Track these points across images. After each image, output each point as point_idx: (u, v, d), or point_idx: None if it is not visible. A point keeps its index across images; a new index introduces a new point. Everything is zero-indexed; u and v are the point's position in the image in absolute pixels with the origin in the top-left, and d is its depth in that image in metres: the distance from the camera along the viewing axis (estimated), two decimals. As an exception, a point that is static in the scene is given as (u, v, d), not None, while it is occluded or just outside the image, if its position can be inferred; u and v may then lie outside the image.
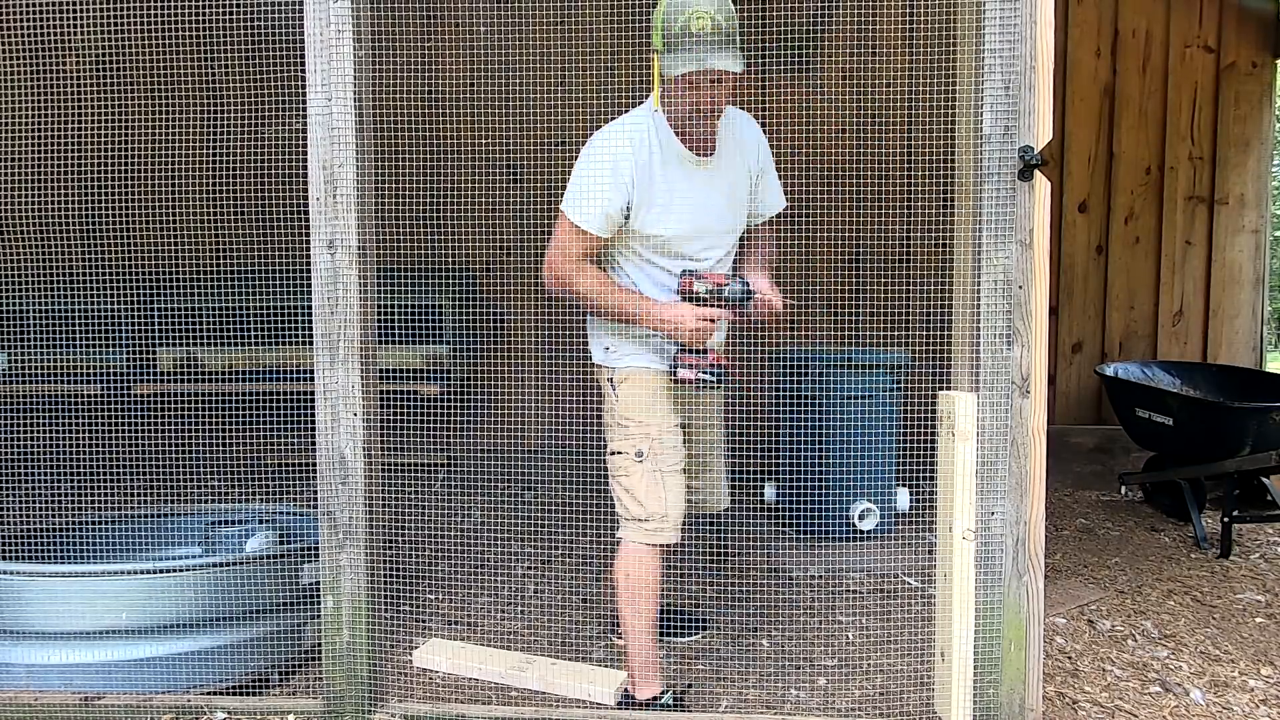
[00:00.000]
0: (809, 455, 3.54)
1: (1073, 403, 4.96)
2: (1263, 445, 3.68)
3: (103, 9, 2.73)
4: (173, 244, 4.54)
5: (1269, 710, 2.45)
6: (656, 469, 2.33)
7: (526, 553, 3.64)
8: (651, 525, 2.32)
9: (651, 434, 2.35)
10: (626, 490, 2.35)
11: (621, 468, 2.36)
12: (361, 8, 2.13)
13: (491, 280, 4.78)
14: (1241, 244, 4.92)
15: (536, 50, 4.51)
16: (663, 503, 2.32)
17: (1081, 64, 4.81)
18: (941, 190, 4.57)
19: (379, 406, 2.24)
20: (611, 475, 2.42)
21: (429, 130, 4.47)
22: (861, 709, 2.35)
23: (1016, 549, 2.07)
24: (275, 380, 4.16)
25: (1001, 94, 1.99)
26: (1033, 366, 2.04)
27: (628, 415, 2.38)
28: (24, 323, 4.33)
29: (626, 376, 2.40)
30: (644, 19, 2.33)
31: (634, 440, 2.35)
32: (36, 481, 3.88)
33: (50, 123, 3.72)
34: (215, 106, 4.64)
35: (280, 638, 2.50)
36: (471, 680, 2.58)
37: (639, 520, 2.33)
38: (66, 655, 2.31)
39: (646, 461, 2.33)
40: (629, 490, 2.34)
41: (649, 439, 2.35)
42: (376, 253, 2.22)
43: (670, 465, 2.36)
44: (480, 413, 4.54)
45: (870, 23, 4.62)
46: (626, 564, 2.34)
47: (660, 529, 2.32)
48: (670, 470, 2.35)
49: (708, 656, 2.75)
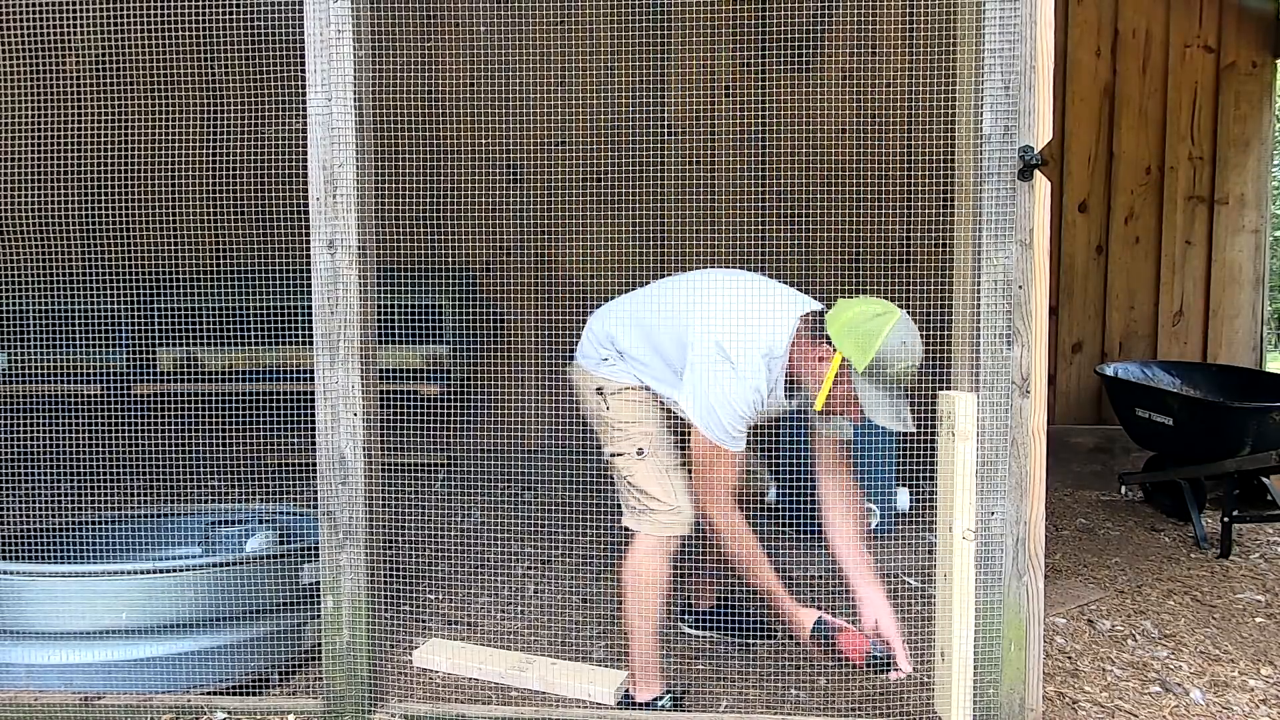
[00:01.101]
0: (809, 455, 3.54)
1: (1073, 403, 4.96)
2: (1263, 445, 3.67)
3: (103, 9, 2.73)
4: (173, 244, 4.54)
5: (1269, 710, 2.45)
6: (659, 463, 2.34)
7: (526, 553, 3.64)
8: (665, 517, 2.32)
9: (649, 431, 2.36)
10: (636, 488, 2.35)
11: (625, 467, 2.37)
12: (361, 8, 2.13)
13: (491, 280, 4.78)
14: (1241, 244, 4.92)
15: (536, 50, 4.51)
16: (673, 494, 2.33)
17: (1081, 64, 4.81)
18: (941, 190, 4.57)
19: (379, 406, 2.24)
20: (617, 477, 2.42)
21: (429, 130, 4.47)
22: (861, 709, 2.35)
23: (1016, 549, 2.07)
24: (275, 380, 4.16)
25: (1001, 94, 1.99)
26: (1033, 366, 2.04)
27: (623, 420, 2.38)
28: (24, 323, 4.33)
29: (618, 390, 2.41)
30: (644, 19, 2.33)
31: (633, 440, 2.36)
32: (36, 481, 3.88)
33: (50, 123, 3.71)
34: (215, 106, 4.64)
35: (280, 638, 2.50)
36: (471, 680, 2.58)
37: (652, 511, 2.33)
38: (66, 655, 2.31)
39: (649, 458, 2.34)
40: (639, 487, 2.34)
41: (647, 436, 2.36)
42: (376, 253, 2.22)
43: (672, 461, 2.36)
44: (480, 413, 4.54)
45: (870, 23, 4.62)
46: (636, 559, 2.34)
47: (674, 521, 2.32)
48: (673, 466, 2.36)
49: (708, 656, 2.74)
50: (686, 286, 2.38)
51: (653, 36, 4.61)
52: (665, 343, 2.34)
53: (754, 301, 2.25)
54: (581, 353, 2.52)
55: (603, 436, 2.46)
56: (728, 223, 4.67)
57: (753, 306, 2.22)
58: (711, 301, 2.26)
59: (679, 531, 2.34)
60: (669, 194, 4.70)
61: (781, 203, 4.61)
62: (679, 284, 2.43)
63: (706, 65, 4.61)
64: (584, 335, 2.54)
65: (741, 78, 4.65)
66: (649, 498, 2.33)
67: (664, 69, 4.64)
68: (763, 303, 2.26)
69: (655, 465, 2.35)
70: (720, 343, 2.21)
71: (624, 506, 2.42)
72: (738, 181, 4.67)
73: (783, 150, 4.59)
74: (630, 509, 2.39)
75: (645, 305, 2.42)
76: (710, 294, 2.30)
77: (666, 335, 2.33)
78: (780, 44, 4.60)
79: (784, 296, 2.34)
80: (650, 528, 2.33)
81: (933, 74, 4.29)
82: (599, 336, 2.47)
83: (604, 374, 2.43)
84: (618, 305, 2.52)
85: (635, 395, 2.41)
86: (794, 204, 4.61)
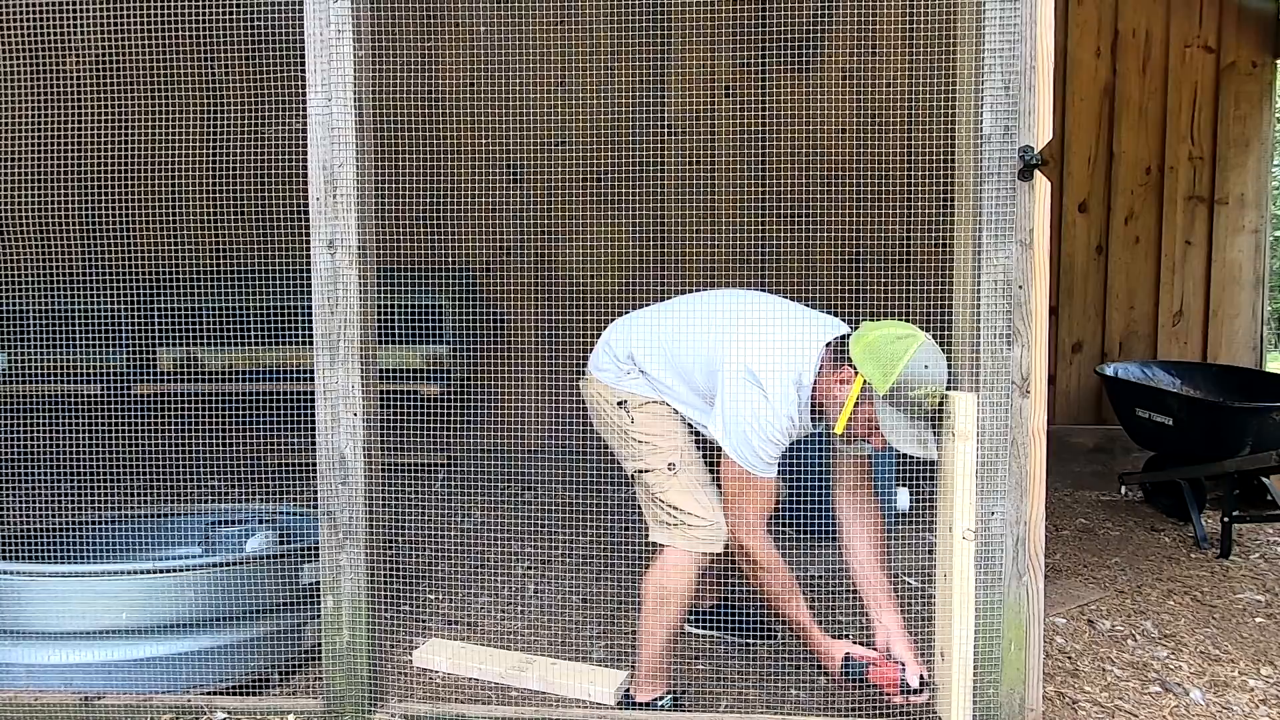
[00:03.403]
0: (809, 455, 3.54)
1: (1073, 403, 4.96)
2: (1263, 445, 3.67)
3: (103, 9, 2.73)
4: (173, 244, 4.54)
5: (1269, 710, 2.45)
6: (692, 478, 2.30)
7: (526, 553, 3.64)
8: (702, 532, 2.26)
9: (678, 445, 2.32)
10: (670, 504, 2.29)
11: (656, 483, 2.31)
12: (361, 8, 2.13)
13: (491, 280, 4.78)
14: (1241, 244, 4.92)
15: (536, 50, 4.51)
16: (710, 509, 2.28)
17: (1081, 64, 4.81)
18: (941, 190, 4.56)
19: (379, 406, 2.24)
20: (644, 493, 2.36)
21: (429, 130, 4.47)
22: (861, 709, 2.35)
23: (1016, 549, 2.07)
24: (275, 380, 4.16)
25: (1001, 94, 1.99)
26: (1033, 366, 2.04)
27: (649, 432, 2.34)
28: (24, 323, 4.33)
29: (642, 404, 2.37)
30: (644, 19, 2.33)
31: (663, 454, 2.31)
32: (36, 481, 3.88)
33: (50, 123, 3.72)
34: (215, 106, 4.64)
35: (280, 638, 2.49)
36: (471, 680, 2.58)
37: (688, 526, 2.27)
38: (66, 655, 2.31)
39: (681, 473, 2.29)
40: (673, 504, 2.28)
41: (677, 450, 2.31)
42: (376, 253, 2.22)
43: (704, 475, 2.32)
44: (480, 413, 4.54)
45: (870, 23, 4.62)
46: (664, 573, 2.29)
47: (710, 536, 2.26)
48: (705, 481, 2.32)
49: (708, 656, 2.75)
50: (710, 310, 2.34)
51: (653, 36, 4.61)
52: (692, 369, 2.30)
53: (782, 327, 2.21)
54: (597, 366, 2.47)
55: (624, 451, 2.39)
56: (728, 223, 4.67)
57: (781, 333, 2.19)
58: (739, 328, 2.23)
59: (714, 548, 2.28)
60: (669, 194, 4.70)
61: (781, 203, 4.61)
62: (700, 307, 2.37)
63: (706, 65, 4.61)
64: (599, 348, 2.49)
65: (741, 78, 4.65)
66: (683, 513, 2.27)
67: (664, 69, 4.64)
68: (791, 328, 2.22)
69: (688, 480, 2.29)
70: (752, 370, 2.17)
71: (652, 521, 2.35)
72: (738, 181, 4.67)
73: (783, 150, 4.59)
74: (660, 523, 2.32)
75: (668, 329, 2.36)
76: (737, 320, 2.25)
77: (693, 362, 2.30)
78: (780, 44, 4.60)
79: (811, 321, 2.30)
80: (684, 542, 2.27)
81: (933, 74, 4.29)
82: (618, 354, 2.42)
83: (627, 388, 2.38)
84: (636, 323, 2.45)
85: (661, 409, 2.36)
86: (794, 204, 4.61)
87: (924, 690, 2.20)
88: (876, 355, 2.11)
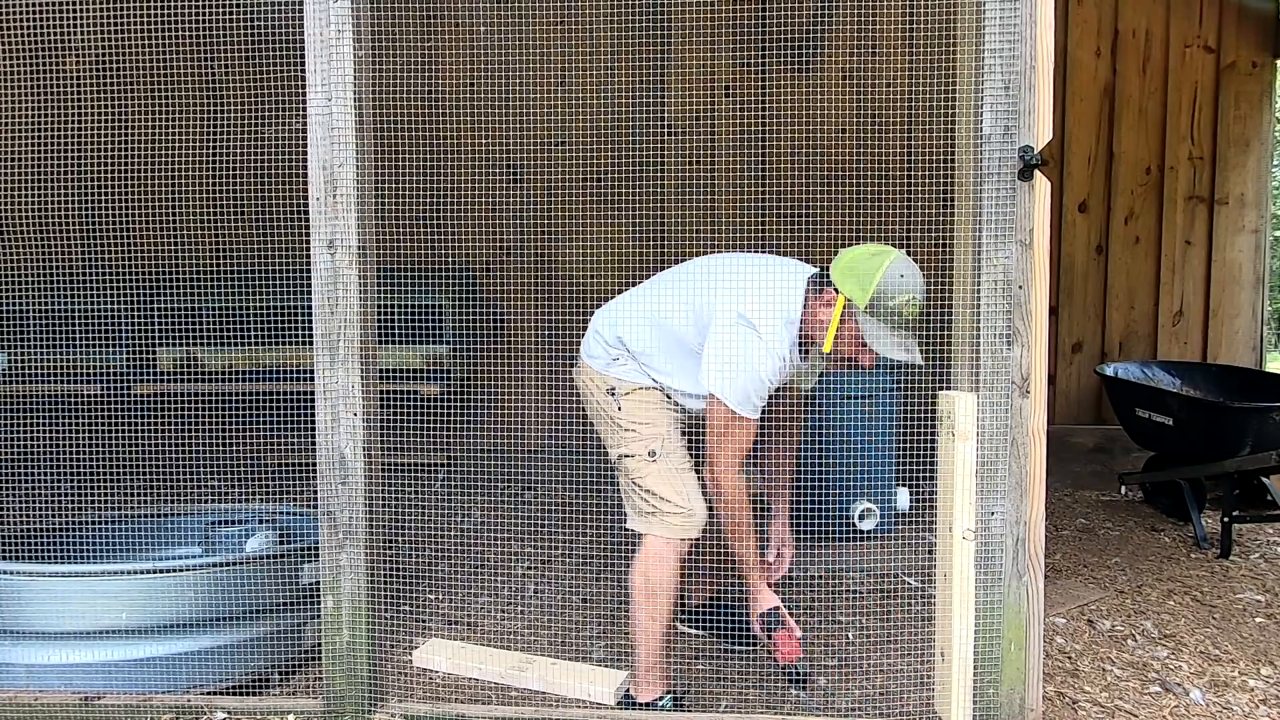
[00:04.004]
0: (809, 455, 3.54)
1: (1073, 403, 4.96)
2: (1263, 445, 3.68)
3: (103, 9, 2.73)
4: (173, 244, 4.54)
5: (1269, 710, 2.45)
6: (671, 466, 2.33)
7: (526, 553, 3.64)
8: (677, 519, 2.31)
9: (661, 434, 2.35)
10: (647, 490, 2.33)
11: (635, 470, 2.34)
12: (361, 8, 2.13)
13: (491, 280, 4.78)
14: (1241, 244, 4.92)
15: (536, 50, 4.51)
16: (685, 496, 2.32)
17: (1081, 64, 4.81)
18: (941, 190, 4.57)
19: (379, 406, 2.24)
20: (624, 480, 2.39)
21: (429, 130, 4.47)
22: (861, 709, 2.35)
23: (1016, 549, 2.07)
24: (275, 380, 4.16)
25: (1001, 94, 1.99)
26: (1033, 366, 2.04)
27: (634, 420, 2.37)
28: (24, 323, 4.33)
29: (630, 391, 2.40)
30: (644, 19, 2.33)
31: (645, 441, 2.34)
32: (36, 481, 3.88)
33: (50, 123, 3.72)
34: (215, 106, 4.64)
35: (280, 638, 2.50)
36: (471, 680, 2.58)
37: (664, 514, 2.31)
38: (66, 655, 2.31)
39: (660, 460, 2.33)
40: (650, 490, 2.32)
41: (659, 438, 2.34)
42: (376, 253, 2.22)
43: (684, 463, 2.35)
44: (480, 413, 4.54)
45: (870, 23, 4.62)
46: (647, 563, 2.32)
47: (686, 523, 2.31)
48: (684, 468, 2.35)
49: (708, 656, 2.74)
50: (695, 272, 2.40)
51: (653, 36, 4.61)
52: (684, 330, 2.34)
53: (767, 273, 2.30)
54: (588, 353, 2.50)
55: (610, 438, 2.43)
56: (728, 222, 4.67)
57: (766, 277, 2.27)
58: (726, 279, 2.30)
59: (691, 534, 2.32)
60: (669, 194, 4.70)
61: (781, 203, 4.61)
62: (684, 273, 2.44)
63: (706, 65, 4.61)
64: (589, 335, 2.52)
65: (741, 78, 4.65)
66: (659, 499, 2.31)
67: (664, 69, 4.64)
68: (775, 272, 2.32)
69: (667, 467, 2.33)
70: (743, 313, 2.23)
71: (630, 510, 2.39)
72: (738, 181, 4.67)
73: (783, 150, 4.59)
74: (638, 511, 2.37)
75: (654, 299, 2.41)
76: (723, 273, 2.33)
77: (684, 321, 2.33)
78: (780, 44, 4.60)
79: (791, 265, 2.41)
80: (661, 530, 2.31)
81: (933, 74, 4.29)
82: (607, 339, 2.45)
83: (616, 374, 2.42)
84: (621, 306, 2.50)
85: (648, 396, 2.39)
86: (794, 204, 4.60)
87: (803, 688, 2.41)
88: (854, 271, 2.20)
